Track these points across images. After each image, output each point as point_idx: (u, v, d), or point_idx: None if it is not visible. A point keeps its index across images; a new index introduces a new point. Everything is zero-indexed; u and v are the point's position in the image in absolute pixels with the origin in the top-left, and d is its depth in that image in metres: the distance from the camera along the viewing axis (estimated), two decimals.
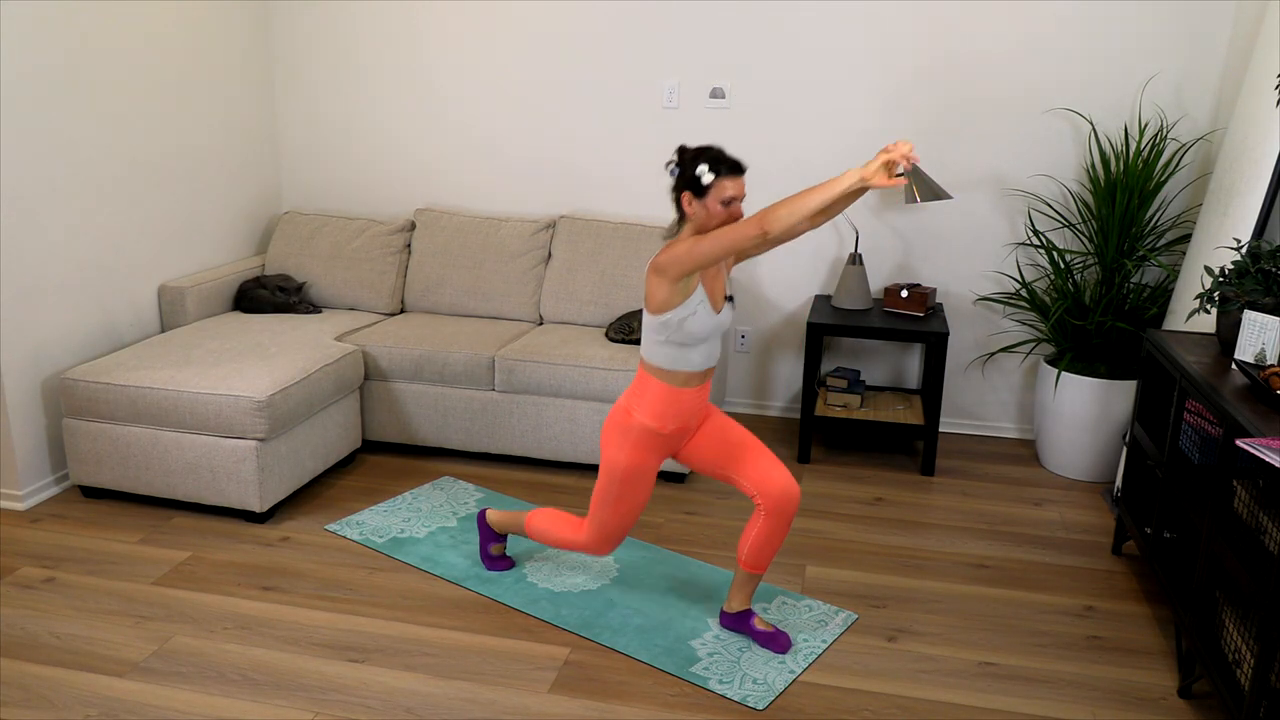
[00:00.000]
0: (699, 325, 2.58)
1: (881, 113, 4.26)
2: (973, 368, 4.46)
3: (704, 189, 2.51)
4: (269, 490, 3.46)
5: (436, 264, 4.44)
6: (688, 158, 2.54)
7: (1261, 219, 3.29)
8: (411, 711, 2.53)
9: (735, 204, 2.52)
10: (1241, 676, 2.36)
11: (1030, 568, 3.33)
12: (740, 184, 2.52)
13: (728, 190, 2.50)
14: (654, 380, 2.66)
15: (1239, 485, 2.48)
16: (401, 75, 4.63)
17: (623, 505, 2.77)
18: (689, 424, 2.74)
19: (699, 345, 2.63)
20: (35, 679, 2.62)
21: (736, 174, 2.52)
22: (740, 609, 2.86)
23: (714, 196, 2.50)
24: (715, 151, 2.52)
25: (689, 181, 2.52)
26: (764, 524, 2.72)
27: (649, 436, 2.69)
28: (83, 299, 3.74)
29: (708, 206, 2.51)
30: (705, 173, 2.49)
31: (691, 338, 2.59)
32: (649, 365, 2.66)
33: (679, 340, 2.60)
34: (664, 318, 2.57)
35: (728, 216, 2.52)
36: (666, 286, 2.52)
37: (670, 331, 2.58)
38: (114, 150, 3.83)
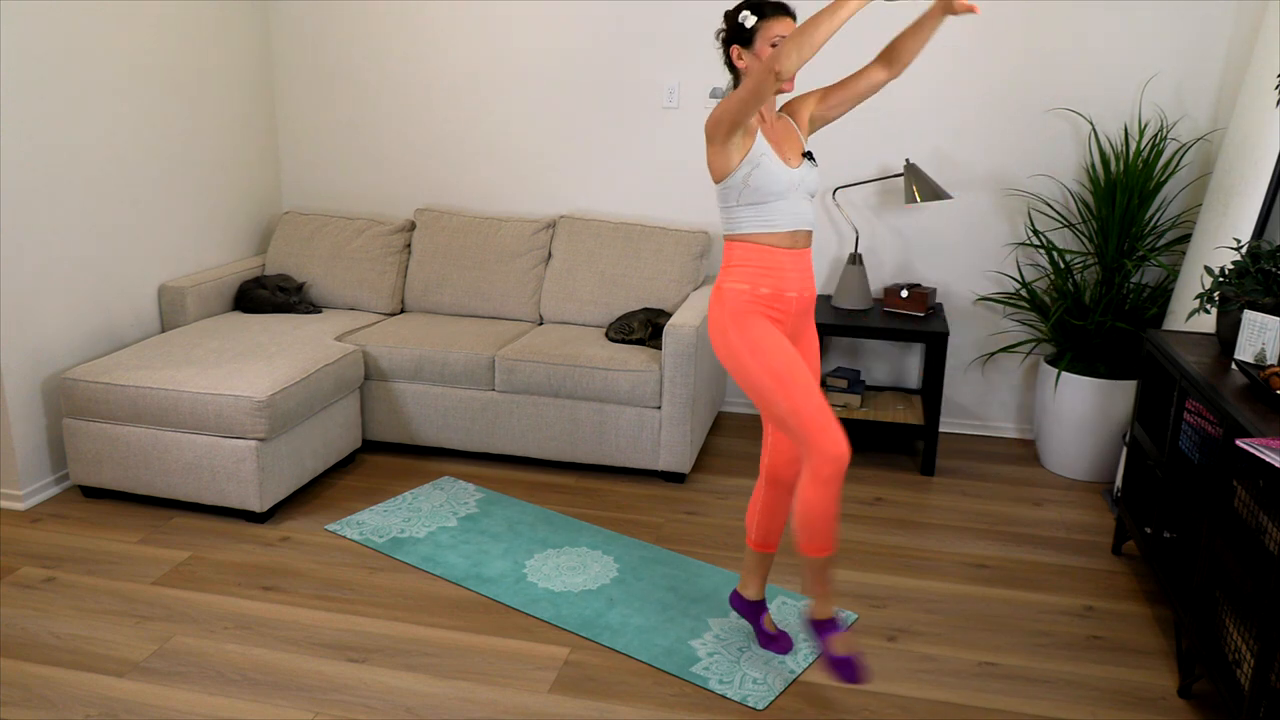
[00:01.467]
0: (767, 178, 2.40)
1: (882, 113, 4.26)
2: (973, 368, 4.46)
3: (750, 35, 2.41)
4: (269, 490, 3.46)
5: (436, 264, 4.44)
6: (732, 10, 2.45)
7: (1261, 219, 3.29)
8: (411, 711, 2.53)
9: None
10: (1241, 676, 2.36)
11: (1030, 568, 3.33)
12: (788, 24, 2.39)
13: (774, 30, 2.38)
14: (737, 245, 2.47)
15: (1239, 485, 2.48)
16: (401, 75, 4.63)
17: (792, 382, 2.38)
18: (787, 293, 2.47)
19: (777, 202, 2.43)
20: (35, 679, 2.62)
21: (782, 14, 2.40)
22: (755, 598, 2.81)
23: (762, 42, 2.39)
24: None
25: (734, 32, 2.44)
26: (764, 494, 2.68)
27: (748, 302, 2.44)
28: (83, 299, 3.75)
29: (758, 54, 2.40)
30: (748, 16, 2.40)
31: (763, 193, 2.41)
32: (731, 235, 2.48)
33: (751, 200, 2.42)
34: (729, 181, 2.42)
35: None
36: (719, 150, 2.39)
37: (739, 192, 2.42)
38: (114, 150, 3.83)
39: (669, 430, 3.79)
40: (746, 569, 2.81)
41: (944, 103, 4.20)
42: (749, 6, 2.42)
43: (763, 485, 2.70)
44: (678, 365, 3.71)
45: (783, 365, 2.38)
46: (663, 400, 3.77)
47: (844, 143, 4.32)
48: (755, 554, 2.77)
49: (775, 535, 2.74)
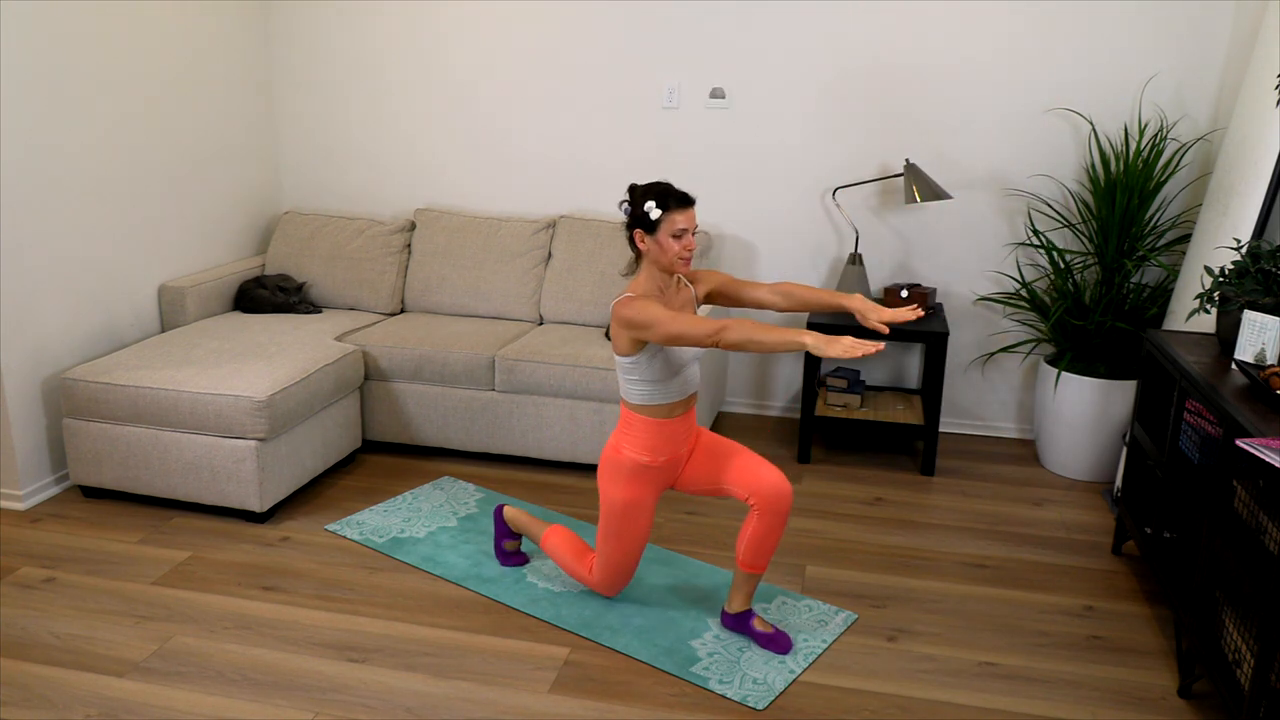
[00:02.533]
0: (668, 360, 2.65)
1: (882, 113, 4.26)
2: (973, 368, 4.46)
3: (654, 224, 2.57)
4: (269, 490, 3.46)
5: (436, 264, 4.44)
6: (637, 194, 2.60)
7: (1261, 219, 3.29)
8: (411, 711, 2.53)
9: (686, 235, 2.59)
10: (1241, 676, 2.36)
11: (1030, 568, 3.33)
12: (690, 216, 2.59)
13: (678, 223, 2.57)
14: (637, 417, 2.72)
15: (1239, 485, 2.48)
16: (401, 75, 4.63)
17: (625, 540, 2.83)
18: (680, 453, 2.79)
19: (676, 375, 2.68)
20: (35, 679, 2.62)
21: (685, 206, 2.59)
22: (741, 609, 2.86)
23: (665, 231, 2.57)
24: (663, 186, 2.60)
25: (639, 219, 2.59)
26: (758, 522, 2.73)
27: (642, 470, 2.76)
28: (83, 299, 3.75)
29: (660, 241, 2.59)
30: (653, 208, 2.57)
31: (666, 372, 2.65)
32: (630, 405, 2.73)
33: (653, 377, 2.65)
34: (633, 359, 2.63)
35: (681, 249, 2.58)
36: (627, 337, 2.59)
37: (643, 370, 2.64)
38: (114, 150, 3.83)
39: None
40: (734, 585, 2.86)
41: (944, 103, 4.20)
42: (654, 197, 2.57)
43: (756, 517, 2.74)
44: None
45: (630, 531, 2.80)
46: None
47: (844, 142, 4.32)
48: (744, 574, 2.82)
49: (765, 559, 2.79)
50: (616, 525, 2.81)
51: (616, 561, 2.87)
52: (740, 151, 4.41)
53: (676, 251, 2.58)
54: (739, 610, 2.86)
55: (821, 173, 4.38)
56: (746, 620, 2.86)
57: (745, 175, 4.43)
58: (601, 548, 2.87)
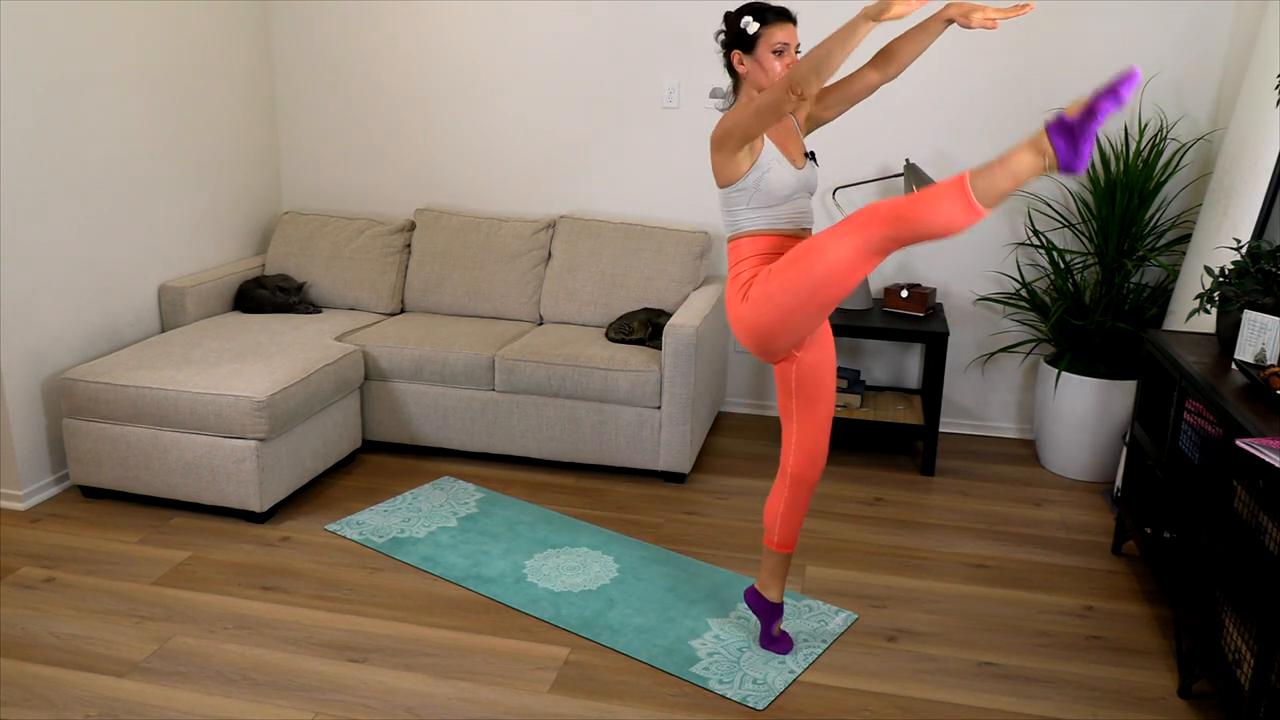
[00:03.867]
0: (777, 181, 2.43)
1: (882, 113, 4.26)
2: (973, 368, 4.46)
3: (752, 41, 2.41)
4: (269, 490, 3.46)
5: (436, 264, 4.44)
6: (730, 16, 2.45)
7: (1261, 219, 3.29)
8: (411, 711, 2.53)
9: (789, 51, 2.41)
10: (1241, 676, 2.36)
11: (1030, 568, 3.33)
12: (790, 30, 2.40)
13: (777, 36, 2.39)
14: (746, 239, 2.49)
15: (1239, 485, 2.48)
16: (402, 75, 4.63)
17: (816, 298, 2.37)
18: None
19: (783, 204, 2.46)
20: (35, 679, 2.62)
21: (784, 20, 2.41)
22: (777, 601, 2.78)
23: (764, 47, 2.40)
24: (760, 2, 2.44)
25: (736, 37, 2.44)
26: (790, 492, 2.65)
27: None
28: (83, 299, 3.75)
29: (760, 60, 2.41)
30: (750, 23, 2.40)
31: (772, 197, 2.44)
32: (737, 234, 2.49)
33: (760, 203, 2.45)
34: (739, 184, 2.44)
35: (784, 67, 2.39)
36: (728, 158, 2.40)
37: (749, 196, 2.44)
38: (114, 150, 3.83)
39: (669, 430, 3.79)
40: (768, 571, 2.77)
41: (944, 102, 4.20)
42: (750, 11, 2.42)
43: (785, 485, 2.67)
44: (677, 365, 3.71)
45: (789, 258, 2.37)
46: (663, 400, 3.77)
47: (844, 142, 4.32)
48: (776, 555, 2.74)
49: (794, 535, 2.72)
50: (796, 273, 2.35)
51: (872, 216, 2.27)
52: None
53: (779, 70, 2.39)
54: (776, 601, 2.78)
55: (821, 173, 4.37)
56: (772, 618, 2.80)
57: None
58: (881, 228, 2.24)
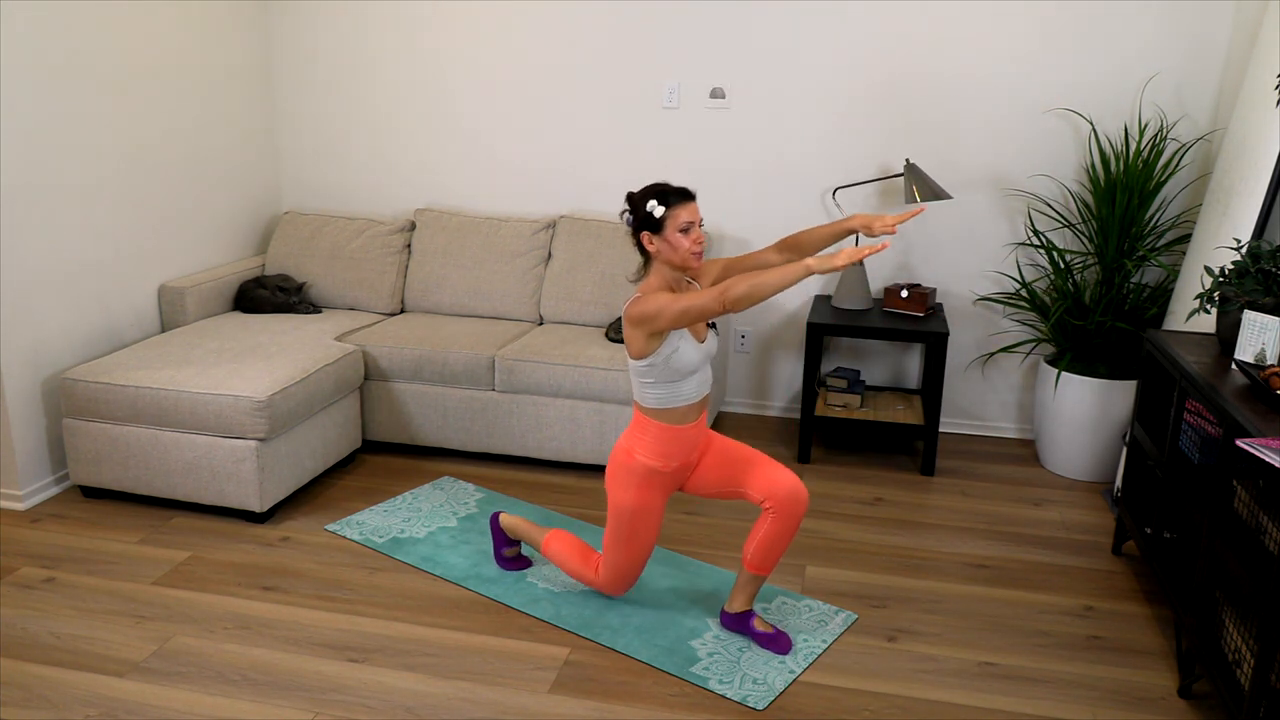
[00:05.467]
0: (685, 359, 2.64)
1: (882, 113, 4.26)
2: (973, 368, 4.46)
3: (660, 223, 2.57)
4: (269, 490, 3.46)
5: (436, 264, 4.44)
6: (635, 199, 2.61)
7: (1261, 219, 3.29)
8: (411, 711, 2.53)
9: (694, 229, 2.59)
10: (1241, 676, 2.36)
11: (1030, 568, 3.33)
12: (693, 209, 2.60)
13: (682, 217, 2.57)
14: (651, 421, 2.72)
15: (1239, 485, 2.48)
16: (401, 75, 4.63)
17: (634, 545, 2.82)
18: (691, 458, 2.79)
19: (689, 378, 2.68)
20: (35, 679, 2.62)
21: (687, 200, 2.59)
22: (742, 610, 2.86)
23: (671, 228, 2.58)
24: (661, 185, 2.61)
25: (644, 220, 2.60)
26: (772, 524, 2.72)
27: (653, 475, 2.75)
28: (83, 299, 3.75)
29: (668, 239, 2.59)
30: (656, 207, 2.57)
31: (679, 373, 2.65)
32: (644, 409, 2.72)
33: (667, 378, 2.65)
34: (648, 361, 2.63)
35: (692, 244, 2.58)
36: (643, 337, 2.59)
37: (657, 372, 2.64)
38: (114, 150, 3.83)
39: None
40: (737, 585, 2.86)
41: (944, 103, 4.20)
42: (654, 196, 2.58)
43: (771, 519, 2.73)
44: None
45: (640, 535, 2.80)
46: None
47: (844, 142, 4.32)
48: (749, 575, 2.82)
49: (772, 562, 2.79)
50: (626, 530, 2.80)
51: (625, 565, 2.86)
52: (740, 151, 4.41)
53: (687, 247, 2.58)
54: (740, 610, 2.86)
55: (821, 173, 4.37)
56: (747, 620, 2.86)
57: (745, 175, 4.43)
58: (609, 553, 2.86)
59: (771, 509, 2.72)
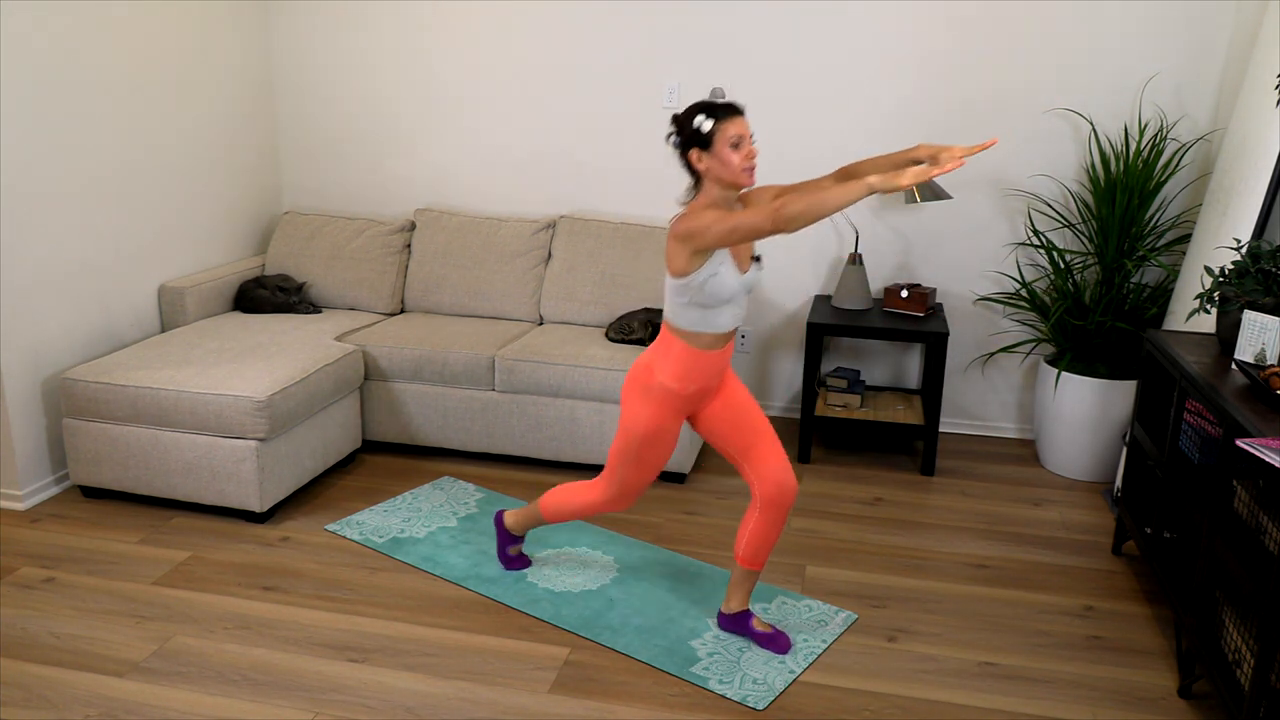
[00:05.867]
0: (722, 286, 2.52)
1: (882, 113, 4.26)
2: (973, 368, 4.46)
3: (708, 138, 2.46)
4: (269, 490, 3.46)
5: (436, 264, 4.44)
6: (682, 117, 2.51)
7: (1261, 219, 3.29)
8: (411, 711, 2.53)
9: (745, 143, 2.46)
10: (1241, 676, 2.36)
11: (1030, 568, 3.33)
12: (742, 123, 2.47)
13: (731, 131, 2.45)
14: (677, 341, 2.61)
15: (1239, 485, 2.48)
16: (401, 75, 4.63)
17: (643, 464, 2.74)
18: (710, 385, 2.70)
19: (724, 306, 2.57)
20: (35, 679, 2.62)
21: (735, 114, 2.47)
22: (739, 609, 2.86)
23: (721, 143, 2.45)
24: (707, 101, 2.50)
25: (691, 137, 2.49)
26: (760, 516, 2.72)
27: (670, 397, 2.65)
28: (83, 299, 3.75)
29: (718, 155, 2.46)
30: (704, 121, 2.46)
31: (715, 299, 2.54)
32: (673, 326, 2.61)
33: (702, 302, 2.54)
34: (685, 280, 2.52)
35: (743, 159, 2.46)
36: (686, 254, 2.48)
37: (693, 293, 2.53)
38: (114, 150, 3.83)
39: None
40: (732, 583, 2.85)
41: (944, 103, 4.20)
42: (702, 111, 2.47)
43: (757, 509, 2.73)
44: None
45: (650, 456, 2.73)
46: None
47: (844, 142, 4.32)
48: (743, 570, 2.81)
49: (763, 555, 2.78)
50: (636, 449, 2.70)
51: (632, 481, 2.77)
52: None
53: (739, 163, 2.45)
54: (737, 610, 2.86)
55: (821, 172, 4.37)
56: (745, 621, 2.86)
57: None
58: (617, 470, 2.76)
59: (758, 496, 2.71)
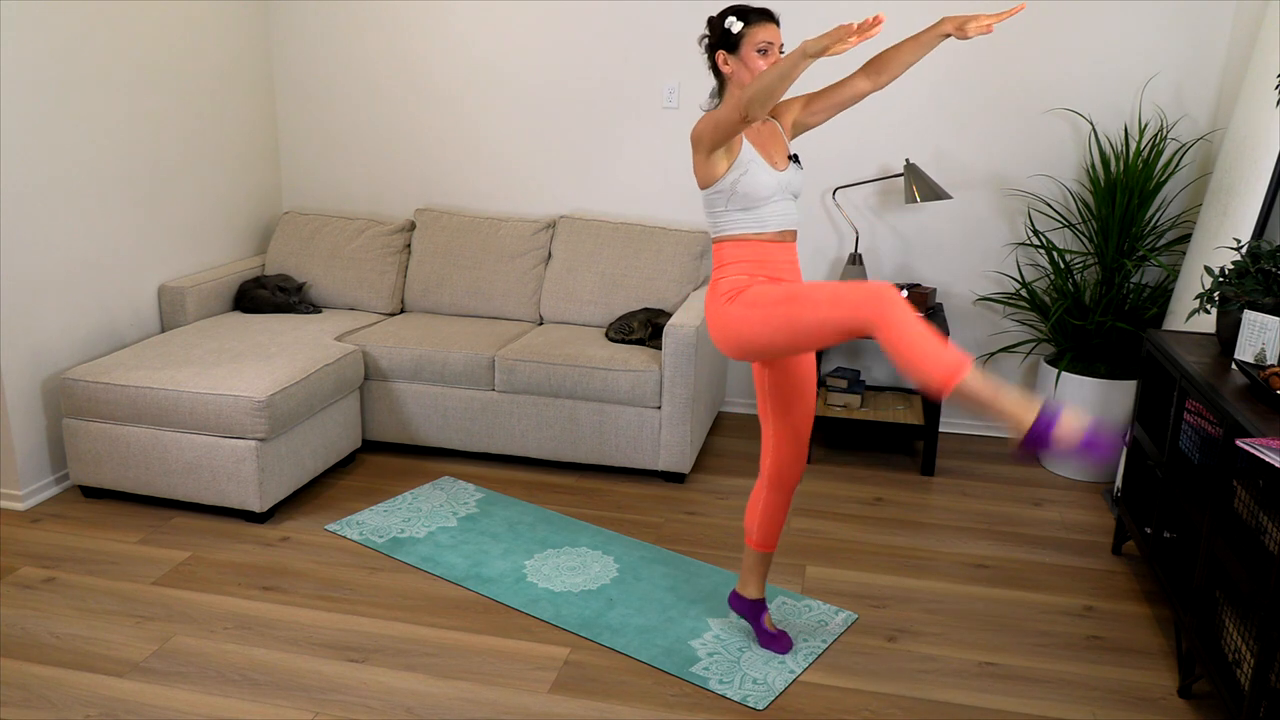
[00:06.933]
0: (755, 184, 2.44)
1: (882, 113, 4.26)
2: None
3: (737, 41, 2.44)
4: (269, 490, 3.46)
5: (436, 264, 4.44)
6: (715, 18, 2.48)
7: (1261, 219, 3.29)
8: (411, 711, 2.53)
9: (773, 51, 2.42)
10: (1241, 676, 2.36)
11: (1030, 568, 3.33)
12: (773, 30, 2.43)
13: (760, 35, 2.41)
14: (729, 246, 2.50)
15: (1239, 485, 2.48)
16: (401, 75, 4.63)
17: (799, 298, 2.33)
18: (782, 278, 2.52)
19: (764, 205, 2.48)
20: (35, 679, 2.62)
21: (767, 20, 2.44)
22: (756, 597, 2.82)
23: (748, 47, 2.42)
24: (742, 4, 2.47)
25: (720, 38, 2.46)
26: (767, 497, 2.70)
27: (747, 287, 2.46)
28: (83, 299, 3.75)
29: (745, 59, 2.43)
30: (735, 23, 2.43)
31: (751, 199, 2.45)
32: (720, 237, 2.52)
33: (740, 205, 2.46)
34: (717, 186, 2.46)
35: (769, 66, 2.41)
36: (706, 158, 2.42)
37: (727, 198, 2.46)
38: (114, 150, 3.83)
39: (669, 430, 3.79)
40: (746, 568, 2.82)
41: (944, 103, 4.20)
42: (734, 12, 2.45)
43: (764, 488, 2.71)
44: (677, 365, 3.71)
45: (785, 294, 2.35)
46: (663, 400, 3.77)
47: (844, 143, 4.32)
48: (756, 554, 2.78)
49: (775, 536, 2.75)
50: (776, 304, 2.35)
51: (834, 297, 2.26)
52: None
53: (763, 69, 2.39)
54: (754, 598, 2.82)
55: (822, 172, 4.37)
56: (758, 612, 2.83)
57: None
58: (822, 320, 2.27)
59: (764, 474, 2.70)
